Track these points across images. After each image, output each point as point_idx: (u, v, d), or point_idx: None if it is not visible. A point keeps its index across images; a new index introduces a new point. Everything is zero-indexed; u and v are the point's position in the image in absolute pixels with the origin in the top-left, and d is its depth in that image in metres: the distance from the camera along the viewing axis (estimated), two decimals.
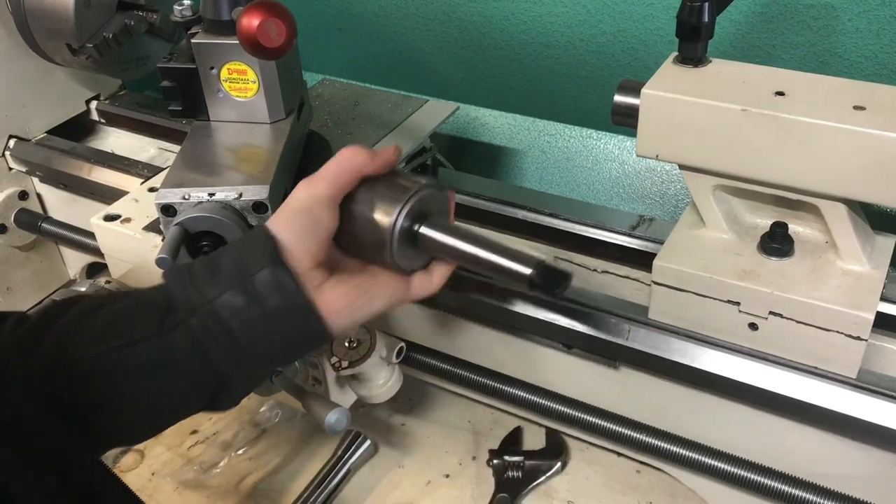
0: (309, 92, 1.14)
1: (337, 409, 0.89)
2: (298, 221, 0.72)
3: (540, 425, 1.12)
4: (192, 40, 0.94)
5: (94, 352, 0.68)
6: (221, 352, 0.69)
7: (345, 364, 0.94)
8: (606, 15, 1.18)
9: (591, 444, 1.10)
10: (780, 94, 0.79)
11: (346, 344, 0.95)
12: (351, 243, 0.76)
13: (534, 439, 1.14)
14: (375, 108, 1.19)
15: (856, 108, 0.76)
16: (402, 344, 0.99)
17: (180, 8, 0.97)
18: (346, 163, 0.73)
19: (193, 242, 0.85)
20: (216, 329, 0.68)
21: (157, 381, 0.69)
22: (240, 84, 0.95)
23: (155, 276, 0.76)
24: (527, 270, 0.71)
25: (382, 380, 0.99)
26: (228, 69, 0.94)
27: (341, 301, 0.72)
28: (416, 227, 0.75)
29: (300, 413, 1.22)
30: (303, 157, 1.03)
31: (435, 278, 0.80)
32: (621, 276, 1.07)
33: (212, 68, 0.94)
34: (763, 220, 0.88)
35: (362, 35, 1.44)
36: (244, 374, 0.73)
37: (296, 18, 1.46)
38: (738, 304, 0.83)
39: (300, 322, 0.71)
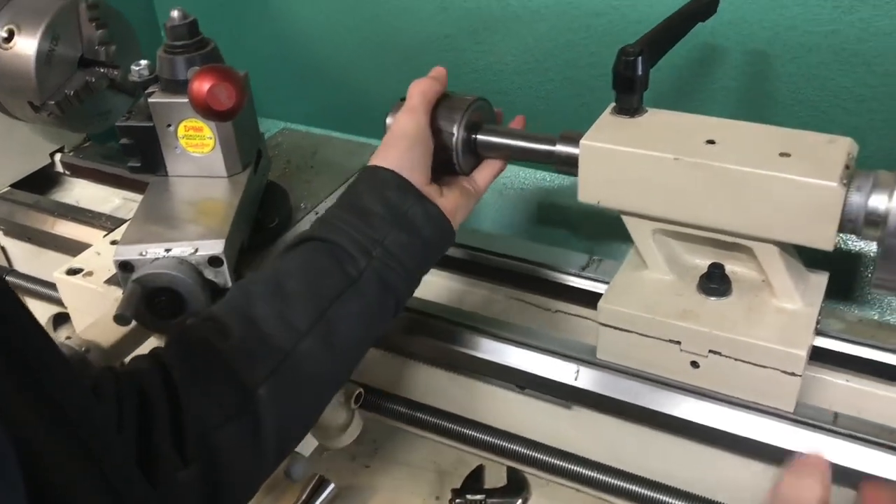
0: (269, 141, 1.17)
1: (296, 457, 0.91)
2: (413, 151, 0.86)
3: (502, 463, 1.15)
4: (150, 99, 0.97)
5: (310, 324, 0.76)
6: (399, 280, 0.82)
7: None
8: (553, 63, 1.22)
9: (551, 479, 1.13)
10: (711, 142, 0.83)
11: None
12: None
13: (496, 476, 1.16)
14: (333, 156, 1.23)
15: (782, 154, 0.80)
16: (360, 390, 1.01)
17: (137, 68, 1.00)
18: (430, 92, 0.90)
19: (151, 297, 0.87)
20: (393, 264, 0.81)
21: (359, 324, 0.80)
22: (196, 140, 0.98)
23: (117, 330, 0.79)
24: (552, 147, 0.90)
25: (342, 426, 1.01)
26: (185, 126, 0.97)
27: (454, 205, 0.89)
28: (473, 136, 0.93)
29: None
30: (260, 207, 1.06)
31: (481, 180, 0.96)
32: (574, 315, 1.11)
33: (169, 125, 0.97)
34: (702, 261, 0.91)
35: (322, 82, 1.48)
36: (411, 292, 0.87)
37: (258, 66, 1.50)
38: (679, 343, 0.86)
39: (447, 238, 0.88)
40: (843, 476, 0.80)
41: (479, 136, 0.94)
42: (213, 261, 0.88)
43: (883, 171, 0.78)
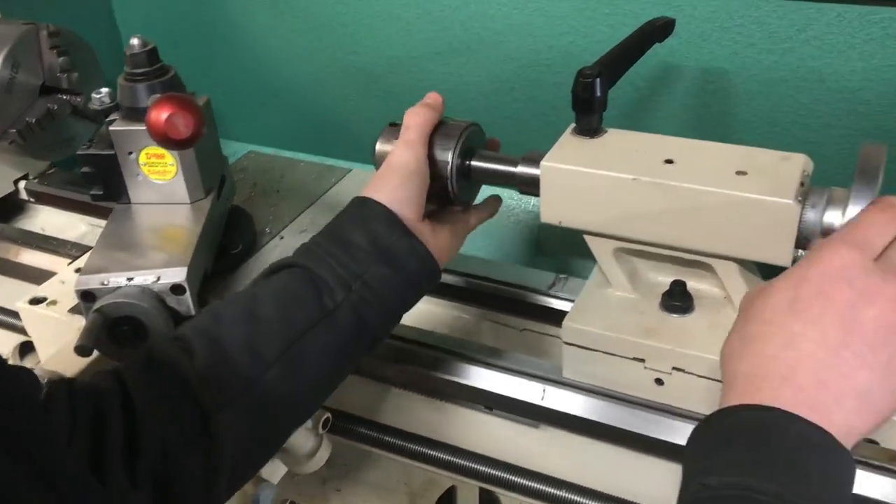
0: (235, 165, 1.17)
1: (263, 485, 0.91)
2: (407, 186, 0.84)
3: (473, 483, 1.14)
4: (111, 127, 0.96)
5: (277, 354, 0.74)
6: (376, 318, 0.80)
7: None
8: (518, 83, 1.23)
9: (523, 500, 1.13)
10: (669, 161, 0.84)
11: None
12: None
13: (468, 497, 1.16)
14: (300, 180, 1.23)
15: (738, 173, 0.81)
16: (328, 415, 1.01)
17: (98, 96, 1.00)
18: (428, 125, 0.88)
19: (113, 327, 0.87)
20: (372, 300, 0.79)
21: (330, 358, 0.78)
22: (158, 167, 0.97)
23: (79, 361, 0.78)
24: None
25: (310, 451, 1.01)
26: (147, 153, 0.96)
27: (444, 244, 0.88)
28: (467, 162, 0.92)
29: None
30: (225, 232, 1.06)
31: (474, 220, 0.97)
32: (541, 334, 1.11)
33: (130, 153, 0.97)
34: (665, 278, 0.92)
35: (288, 105, 1.48)
36: (389, 329, 0.85)
37: (223, 90, 1.50)
38: (643, 360, 0.87)
39: (431, 277, 0.86)
40: None
41: (475, 163, 0.93)
42: (176, 289, 0.88)
43: (836, 188, 0.79)
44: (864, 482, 0.79)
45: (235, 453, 0.71)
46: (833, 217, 0.77)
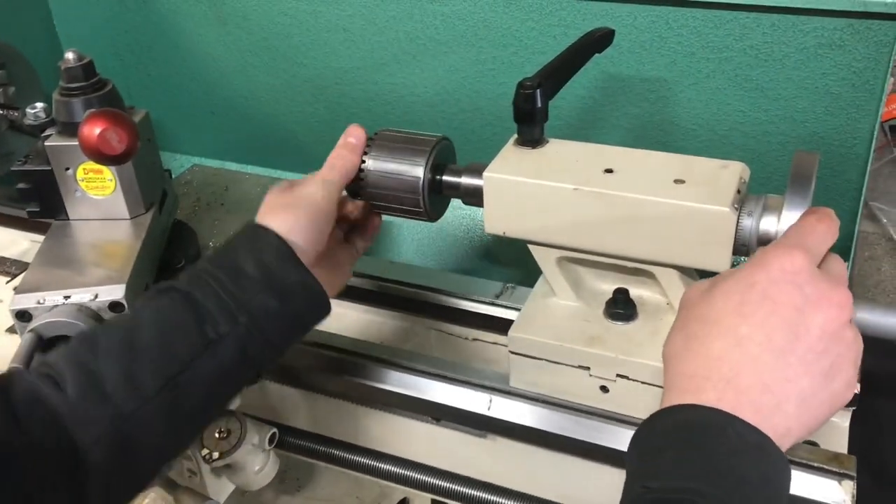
0: (179, 178, 1.15)
1: (208, 503, 0.89)
2: (312, 222, 0.80)
3: (425, 495, 1.14)
4: (46, 143, 0.95)
5: (158, 388, 0.70)
6: (261, 351, 0.75)
7: (216, 455, 0.94)
8: (463, 94, 1.24)
9: None
10: (609, 171, 0.85)
11: (217, 434, 0.95)
12: (377, 199, 0.91)
13: None
14: (245, 193, 1.22)
15: (676, 181, 0.82)
16: (274, 430, 1.00)
17: (33, 111, 0.98)
18: (351, 170, 0.87)
19: (49, 347, 0.85)
20: (257, 333, 0.74)
21: (211, 390, 0.74)
22: (96, 183, 0.96)
23: None
24: None
25: (258, 466, 0.99)
26: (84, 169, 0.95)
27: (336, 277, 0.87)
28: (438, 177, 0.91)
29: None
30: (167, 247, 1.04)
31: (362, 245, 0.94)
32: (490, 343, 1.11)
33: (67, 169, 0.95)
34: (608, 286, 0.93)
35: (234, 117, 1.47)
36: (274, 361, 0.79)
37: (169, 102, 1.48)
38: (588, 368, 0.87)
39: (321, 311, 0.81)
40: None
41: (446, 178, 0.91)
42: (114, 306, 0.86)
43: (772, 195, 0.80)
44: (805, 484, 0.81)
45: (104, 491, 0.67)
46: (769, 224, 0.78)
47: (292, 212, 0.80)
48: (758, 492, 0.55)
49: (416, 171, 0.89)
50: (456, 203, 1.35)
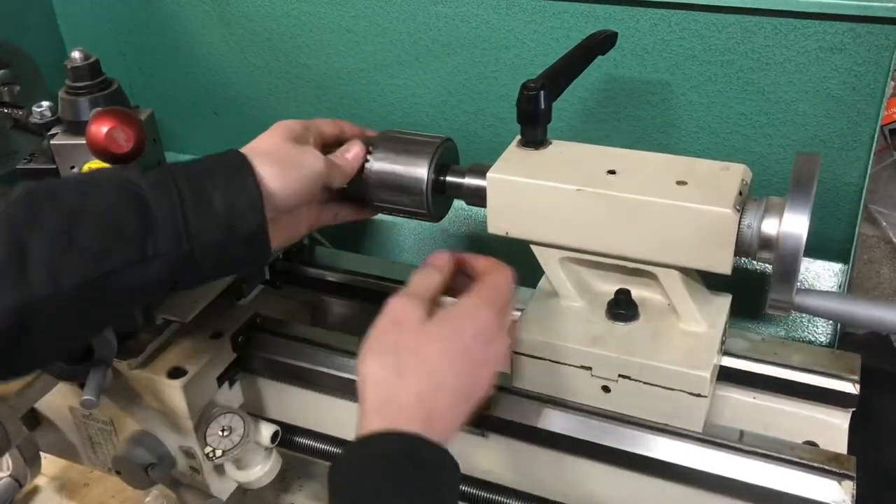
0: None
1: (211, 501, 0.90)
2: (296, 195, 0.80)
3: None
4: (52, 141, 0.95)
5: (74, 286, 0.69)
6: (186, 276, 0.75)
7: (219, 453, 0.95)
8: (466, 96, 1.24)
9: None
10: (612, 172, 0.85)
11: (220, 432, 0.96)
12: (380, 200, 0.92)
13: None
14: None
15: (678, 182, 0.82)
16: (277, 428, 1.01)
17: (39, 109, 0.98)
18: (327, 133, 0.89)
19: None
20: (191, 260, 0.74)
21: (128, 301, 0.76)
22: None
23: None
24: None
25: (260, 465, 1.00)
26: (89, 168, 0.95)
27: (283, 235, 0.86)
28: (441, 177, 0.92)
29: None
30: None
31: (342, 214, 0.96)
32: None
33: (72, 167, 0.96)
34: (611, 287, 0.93)
35: (237, 117, 1.47)
36: (197, 284, 0.79)
37: (172, 102, 1.49)
38: (590, 368, 0.88)
39: (257, 262, 0.81)
40: (749, 493, 0.83)
41: (450, 179, 0.92)
42: None
43: (773, 197, 0.81)
44: (805, 484, 0.81)
45: None
46: (770, 226, 0.79)
47: (287, 172, 0.80)
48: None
49: (420, 171, 0.90)
50: (458, 203, 1.35)
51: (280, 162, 0.80)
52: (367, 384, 0.72)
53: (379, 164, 0.91)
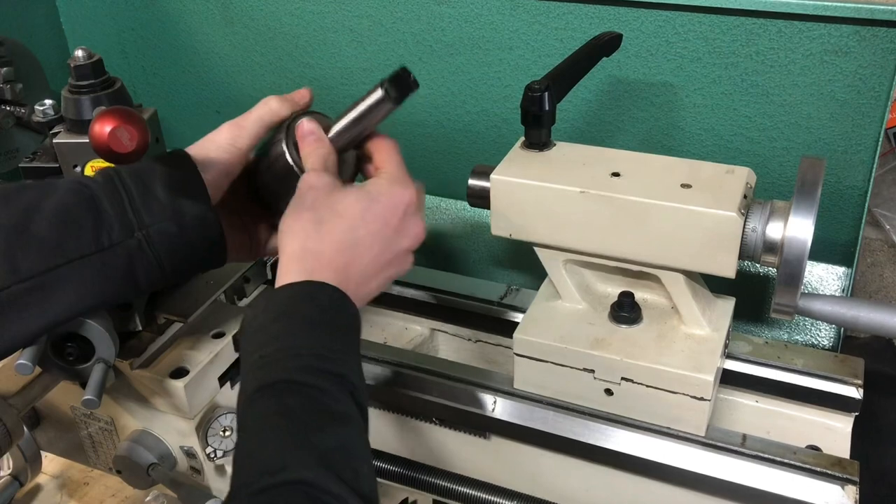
0: None
1: (211, 501, 0.90)
2: (220, 161, 0.83)
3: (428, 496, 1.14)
4: (55, 140, 0.95)
5: (30, 274, 0.72)
6: (145, 268, 0.77)
7: (220, 454, 0.94)
8: (469, 96, 1.24)
9: None
10: (616, 174, 0.85)
11: (221, 432, 0.96)
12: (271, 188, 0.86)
13: None
14: None
15: (683, 185, 0.82)
16: None
17: (42, 108, 0.98)
18: (267, 117, 0.86)
19: (59, 344, 0.85)
20: (146, 249, 0.76)
21: (86, 294, 0.75)
22: None
23: (20, 379, 0.77)
24: (380, 92, 0.83)
25: None
26: (92, 167, 0.95)
27: (243, 244, 0.88)
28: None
29: None
30: None
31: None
32: (493, 345, 1.12)
33: (75, 166, 0.95)
34: (614, 290, 0.93)
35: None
36: (158, 285, 0.80)
37: (175, 101, 1.48)
38: (592, 371, 0.87)
39: (214, 252, 0.81)
40: (751, 497, 0.83)
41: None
42: (122, 305, 0.86)
43: (778, 201, 0.81)
44: (809, 488, 0.81)
45: None
46: (774, 230, 0.79)
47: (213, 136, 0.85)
48: (344, 344, 0.71)
49: (279, 147, 0.84)
50: (460, 205, 1.36)
51: (212, 148, 0.84)
52: (284, 238, 0.75)
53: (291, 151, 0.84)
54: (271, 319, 0.70)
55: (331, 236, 0.74)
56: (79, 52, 0.93)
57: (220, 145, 0.84)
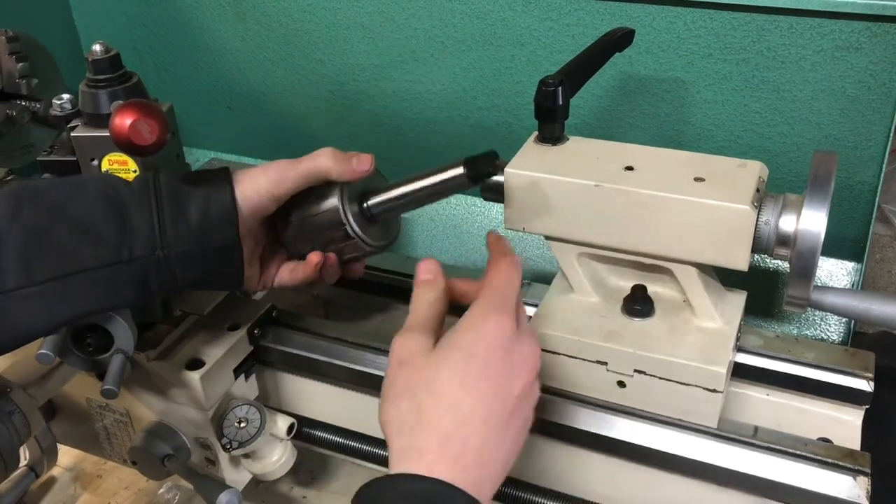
0: None
1: (227, 491, 0.91)
2: (270, 194, 0.81)
3: None
4: (72, 134, 0.96)
5: (45, 278, 0.73)
6: (159, 283, 0.78)
7: (235, 444, 0.95)
8: (481, 92, 1.25)
9: None
10: (630, 168, 0.86)
11: (237, 424, 0.97)
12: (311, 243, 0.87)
13: None
14: None
15: (696, 179, 0.83)
16: (293, 420, 1.01)
17: (59, 102, 0.99)
18: (310, 163, 0.84)
19: (79, 335, 0.86)
20: (164, 267, 0.76)
21: (96, 302, 0.76)
22: (121, 174, 0.96)
23: (39, 369, 0.78)
24: (459, 170, 0.81)
25: (275, 457, 1.01)
26: (109, 160, 0.96)
27: (255, 272, 0.86)
28: (364, 204, 0.86)
29: None
30: None
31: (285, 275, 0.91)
32: None
33: (93, 160, 0.96)
34: (626, 283, 0.94)
35: (251, 112, 1.48)
36: (165, 296, 0.83)
37: (187, 97, 1.49)
38: (605, 363, 0.88)
39: (231, 271, 0.81)
40: (763, 488, 0.83)
41: (372, 201, 0.87)
42: None
43: (791, 194, 0.81)
44: (821, 480, 0.82)
45: None
46: (787, 223, 0.79)
47: (260, 173, 0.82)
48: None
49: (332, 202, 0.85)
50: (472, 199, 1.37)
51: (258, 179, 0.83)
52: (389, 434, 0.65)
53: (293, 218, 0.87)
54: None
55: (436, 425, 0.62)
56: (96, 47, 0.94)
57: (261, 187, 0.82)
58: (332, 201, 0.84)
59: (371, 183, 0.88)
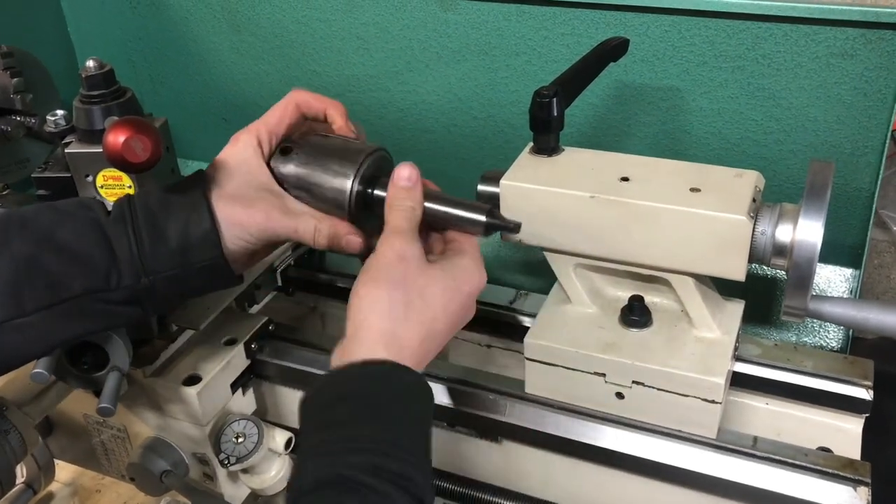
0: None
1: None
2: (264, 215, 0.79)
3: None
4: (67, 150, 0.95)
5: (35, 308, 0.73)
6: (149, 306, 0.79)
7: (233, 460, 0.95)
8: (476, 102, 1.25)
9: None
10: (625, 179, 0.86)
11: (234, 439, 0.96)
12: (303, 198, 0.82)
13: None
14: None
15: (692, 189, 0.83)
16: (291, 435, 1.01)
17: (53, 118, 0.98)
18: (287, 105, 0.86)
19: (74, 353, 0.86)
20: (152, 291, 0.77)
21: (85, 325, 0.77)
22: (115, 190, 0.96)
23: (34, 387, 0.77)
24: (482, 218, 0.81)
25: (273, 471, 1.00)
26: (104, 176, 0.95)
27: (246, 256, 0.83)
28: (370, 191, 0.82)
29: None
30: None
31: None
32: (504, 349, 1.12)
33: (87, 176, 0.96)
34: (624, 293, 0.93)
35: (247, 124, 1.47)
36: (156, 312, 0.83)
37: (182, 109, 1.49)
38: (603, 375, 0.88)
39: (223, 284, 0.82)
40: (763, 499, 0.83)
41: (378, 193, 0.82)
42: None
43: (787, 204, 0.81)
44: (821, 490, 0.82)
45: None
46: (784, 233, 0.79)
47: (255, 199, 0.80)
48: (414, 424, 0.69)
49: (343, 182, 0.81)
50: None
51: (243, 197, 0.80)
52: (373, 311, 0.71)
53: (296, 170, 0.82)
54: (338, 397, 0.68)
55: (418, 327, 0.72)
56: (90, 63, 0.93)
57: (242, 154, 0.84)
58: (343, 182, 0.80)
59: (380, 162, 0.84)
